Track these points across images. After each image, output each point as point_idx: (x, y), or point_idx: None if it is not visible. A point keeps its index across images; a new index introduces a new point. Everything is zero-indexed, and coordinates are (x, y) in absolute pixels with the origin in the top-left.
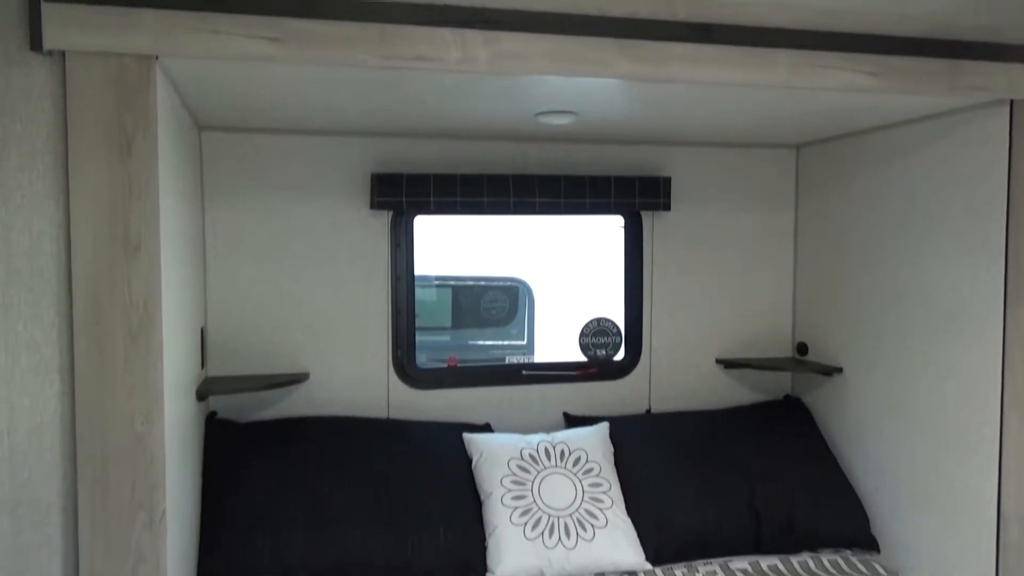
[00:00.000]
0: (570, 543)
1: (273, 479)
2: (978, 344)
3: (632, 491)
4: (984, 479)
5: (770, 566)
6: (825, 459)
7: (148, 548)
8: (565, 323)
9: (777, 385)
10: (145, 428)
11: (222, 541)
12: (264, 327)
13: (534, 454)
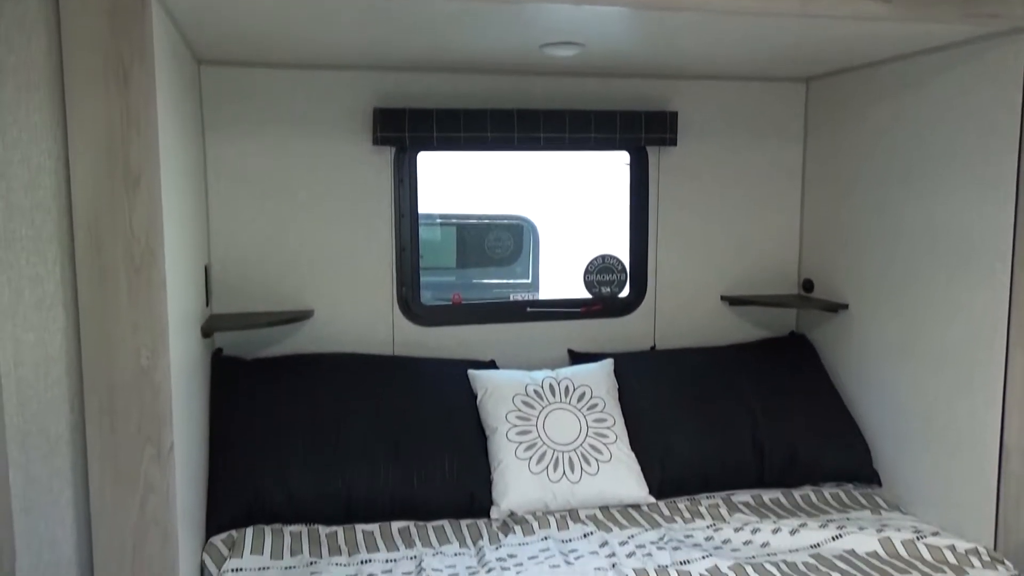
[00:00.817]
0: (574, 477)
1: (280, 414)
2: (986, 282)
3: (636, 426)
4: (988, 413)
5: (772, 499)
6: (829, 395)
7: (157, 479)
8: (570, 261)
9: (782, 322)
10: (150, 362)
11: (230, 475)
12: (268, 265)
13: (539, 390)
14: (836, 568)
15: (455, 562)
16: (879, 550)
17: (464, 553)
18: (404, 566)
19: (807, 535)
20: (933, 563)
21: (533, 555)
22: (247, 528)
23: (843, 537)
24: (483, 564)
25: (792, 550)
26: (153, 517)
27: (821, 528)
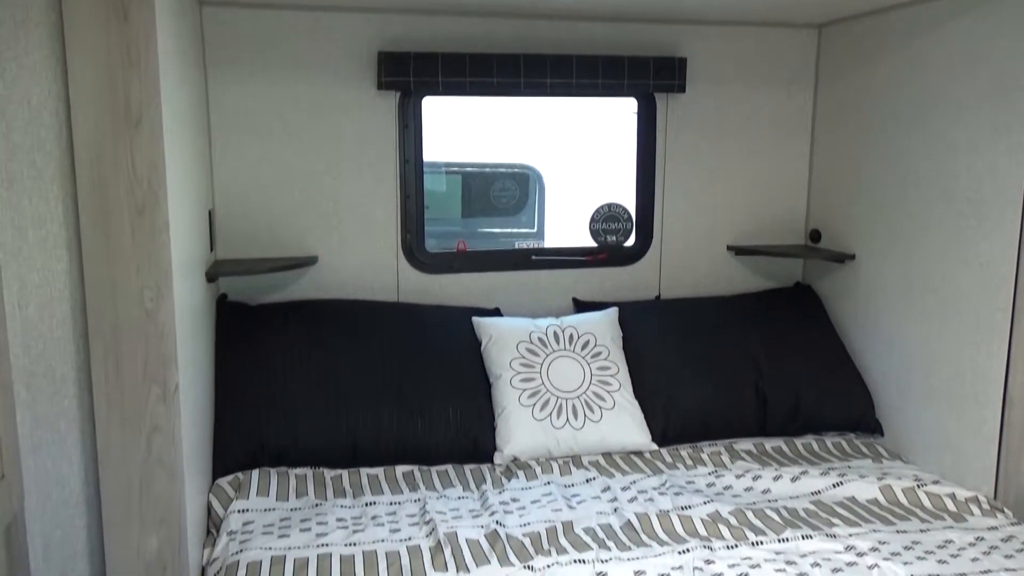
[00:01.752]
0: (578, 424)
1: (284, 360)
2: (997, 230)
3: (640, 375)
4: (992, 363)
5: (774, 447)
6: (833, 345)
7: (163, 420)
8: (576, 210)
9: (788, 272)
10: (154, 304)
11: (236, 419)
12: (272, 210)
13: (543, 337)
14: (836, 515)
15: (459, 505)
16: (879, 497)
17: (468, 496)
18: (408, 508)
19: (808, 482)
20: (933, 510)
21: (536, 499)
22: (253, 471)
23: (844, 484)
24: (486, 507)
25: (793, 497)
26: (159, 457)
27: (822, 476)
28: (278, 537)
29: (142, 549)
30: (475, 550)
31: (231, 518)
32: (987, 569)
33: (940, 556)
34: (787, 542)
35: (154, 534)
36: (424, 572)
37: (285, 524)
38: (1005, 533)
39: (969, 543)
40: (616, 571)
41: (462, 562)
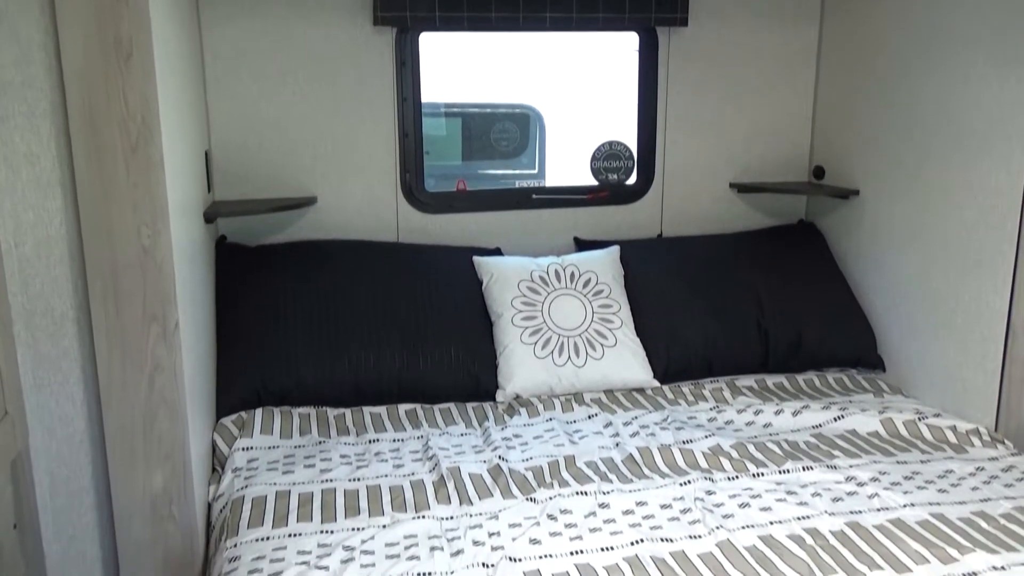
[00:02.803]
0: (579, 361)
1: (285, 300)
2: (1003, 163)
3: (642, 312)
4: (996, 295)
5: (775, 383)
6: (836, 281)
7: (164, 358)
8: (577, 149)
9: (791, 210)
10: (152, 242)
11: (238, 360)
12: (269, 151)
13: (544, 276)
14: (837, 447)
15: (461, 442)
16: (880, 430)
17: (470, 433)
18: (411, 445)
19: (809, 416)
20: (934, 442)
21: (538, 435)
22: (256, 410)
23: (845, 418)
24: (489, 443)
25: (794, 430)
26: (162, 395)
27: (823, 410)
28: (282, 473)
29: (148, 485)
30: (478, 483)
31: (235, 455)
32: (987, 497)
33: (940, 486)
34: (788, 473)
35: (159, 470)
36: (428, 505)
37: (289, 461)
38: (1005, 463)
39: (969, 473)
40: (618, 502)
41: (465, 495)
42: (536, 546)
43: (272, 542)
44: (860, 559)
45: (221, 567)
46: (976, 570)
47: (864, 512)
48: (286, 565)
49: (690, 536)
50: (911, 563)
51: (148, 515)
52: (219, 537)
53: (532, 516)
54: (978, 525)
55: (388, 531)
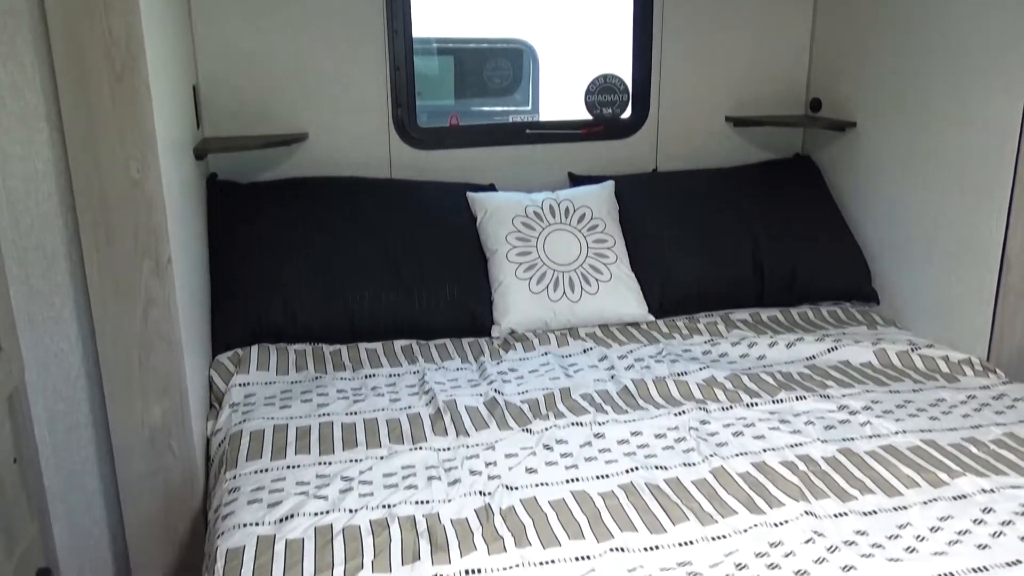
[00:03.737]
0: (574, 296)
1: (278, 238)
2: (1002, 92)
3: (636, 247)
4: (992, 226)
5: (770, 317)
6: (832, 215)
7: (157, 293)
8: (571, 83)
9: (787, 144)
10: (141, 175)
11: (233, 297)
12: (259, 86)
13: (539, 211)
14: (830, 377)
15: (457, 376)
16: (873, 361)
17: (466, 368)
18: (407, 380)
19: (803, 348)
20: (926, 372)
21: (534, 369)
22: (252, 347)
23: (838, 349)
24: (484, 377)
25: (788, 362)
26: (156, 330)
27: (817, 341)
28: (280, 408)
29: (146, 419)
30: (474, 416)
31: (232, 391)
32: (977, 424)
33: (932, 413)
34: (781, 403)
35: (157, 405)
36: (425, 437)
37: (286, 396)
38: (996, 392)
39: (961, 401)
40: (613, 432)
41: (461, 427)
42: (532, 475)
43: (271, 474)
44: (852, 484)
45: (221, 498)
46: (965, 493)
47: (856, 439)
48: (285, 495)
49: (684, 464)
50: (902, 487)
51: (147, 449)
52: (218, 470)
53: (528, 446)
54: (968, 451)
55: (385, 462)
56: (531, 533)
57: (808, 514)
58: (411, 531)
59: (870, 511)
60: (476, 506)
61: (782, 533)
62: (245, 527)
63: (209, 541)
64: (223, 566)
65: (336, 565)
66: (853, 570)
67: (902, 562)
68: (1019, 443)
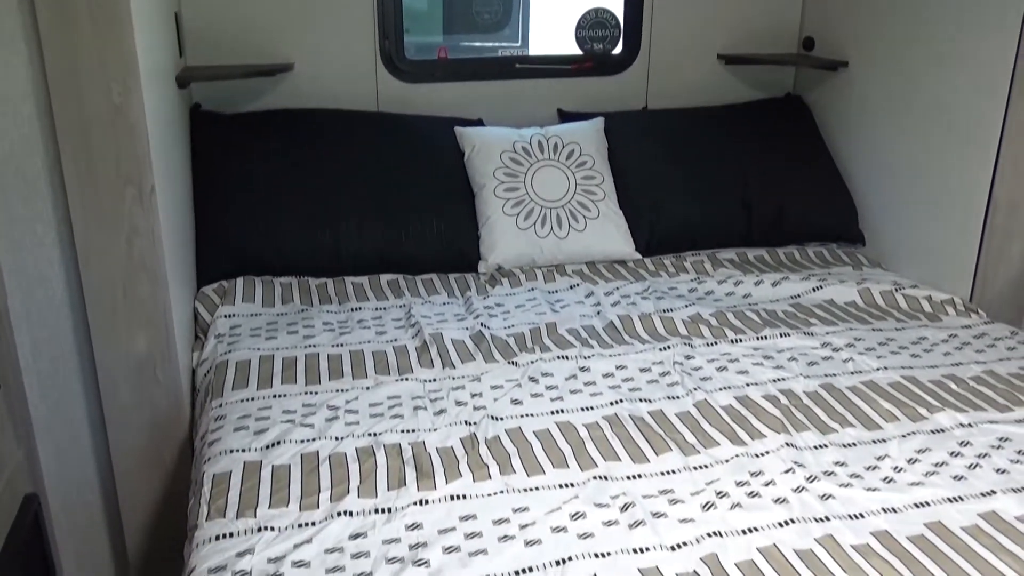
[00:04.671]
0: (562, 233)
1: (263, 170)
2: (996, 32)
3: (625, 185)
4: (980, 168)
5: (756, 256)
6: (821, 156)
7: (141, 222)
8: (561, 18)
9: (779, 83)
10: (123, 99)
11: (218, 229)
12: (243, 14)
13: (527, 147)
14: (814, 315)
15: (443, 310)
16: (857, 300)
17: (452, 302)
18: (393, 313)
19: (788, 287)
20: (909, 311)
21: (520, 304)
22: (237, 279)
23: (823, 289)
24: (471, 311)
25: (773, 300)
26: (140, 260)
27: (802, 281)
28: (265, 339)
29: (131, 349)
30: (460, 349)
31: (218, 323)
32: (958, 362)
33: (913, 351)
34: (765, 339)
35: (142, 334)
36: (411, 368)
37: (272, 327)
38: (978, 331)
39: (942, 339)
40: (598, 366)
41: (448, 359)
42: (517, 406)
43: (257, 402)
44: (832, 417)
45: (207, 426)
46: (944, 427)
47: (838, 375)
48: (271, 423)
49: (668, 397)
50: (881, 421)
51: (133, 378)
52: (204, 399)
53: (513, 379)
54: (948, 387)
55: (372, 392)
56: (516, 461)
57: (789, 446)
58: (397, 458)
59: (849, 443)
60: (462, 435)
61: (763, 463)
62: (232, 453)
63: (196, 467)
64: (210, 490)
65: (322, 490)
66: (831, 499)
67: (879, 491)
68: (998, 380)
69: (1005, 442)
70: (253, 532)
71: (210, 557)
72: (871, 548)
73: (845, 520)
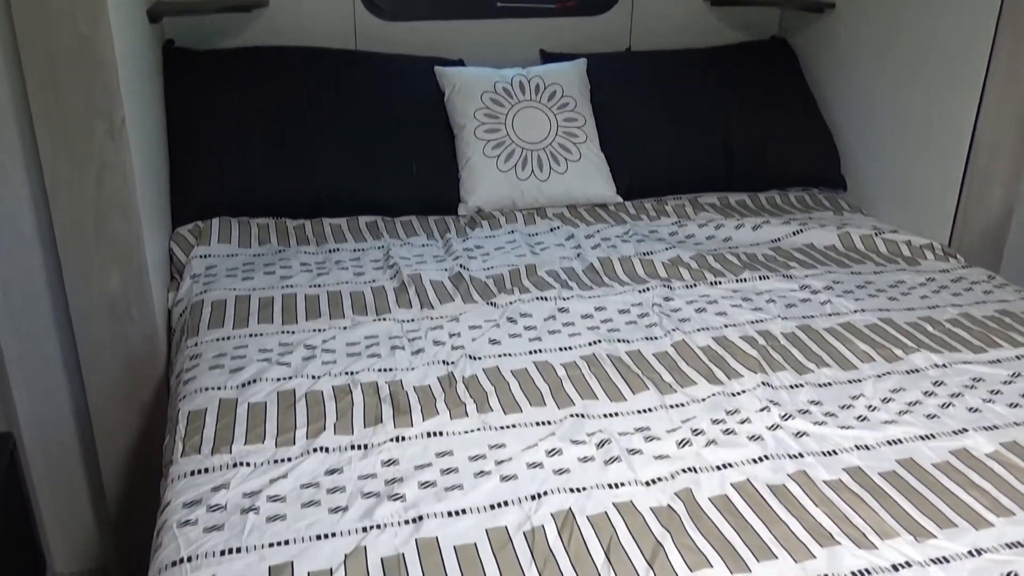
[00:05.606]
0: (542, 175)
1: (238, 109)
2: None
3: (607, 128)
4: (963, 110)
5: (738, 200)
6: (804, 101)
7: (112, 156)
8: None
9: (764, 26)
10: (90, 30)
11: (192, 169)
12: None
13: (508, 88)
14: (794, 259)
15: (422, 252)
16: (837, 244)
17: (432, 244)
18: (372, 255)
19: (769, 231)
20: (888, 255)
21: (500, 246)
22: (213, 219)
23: (803, 233)
24: (450, 253)
25: (753, 244)
26: (112, 195)
27: (783, 225)
28: (242, 279)
29: (104, 287)
30: (439, 289)
31: (193, 263)
32: (935, 305)
33: (891, 294)
34: (745, 282)
35: (115, 272)
36: (389, 309)
37: (248, 268)
38: (955, 275)
39: (920, 283)
40: (577, 307)
41: (426, 300)
42: (495, 346)
43: (233, 341)
44: (809, 358)
45: (183, 364)
46: (918, 367)
47: (816, 317)
48: (247, 362)
49: (647, 338)
50: (857, 361)
51: (106, 316)
52: (180, 338)
53: (492, 319)
54: (924, 329)
55: (349, 332)
56: (493, 400)
57: (765, 385)
58: (373, 396)
59: (825, 383)
60: (439, 374)
61: (739, 402)
62: (207, 391)
63: (172, 405)
64: (185, 427)
65: (298, 427)
66: (805, 436)
67: (853, 429)
68: (973, 323)
69: (978, 382)
70: (228, 468)
71: (185, 492)
72: (843, 484)
73: (818, 457)
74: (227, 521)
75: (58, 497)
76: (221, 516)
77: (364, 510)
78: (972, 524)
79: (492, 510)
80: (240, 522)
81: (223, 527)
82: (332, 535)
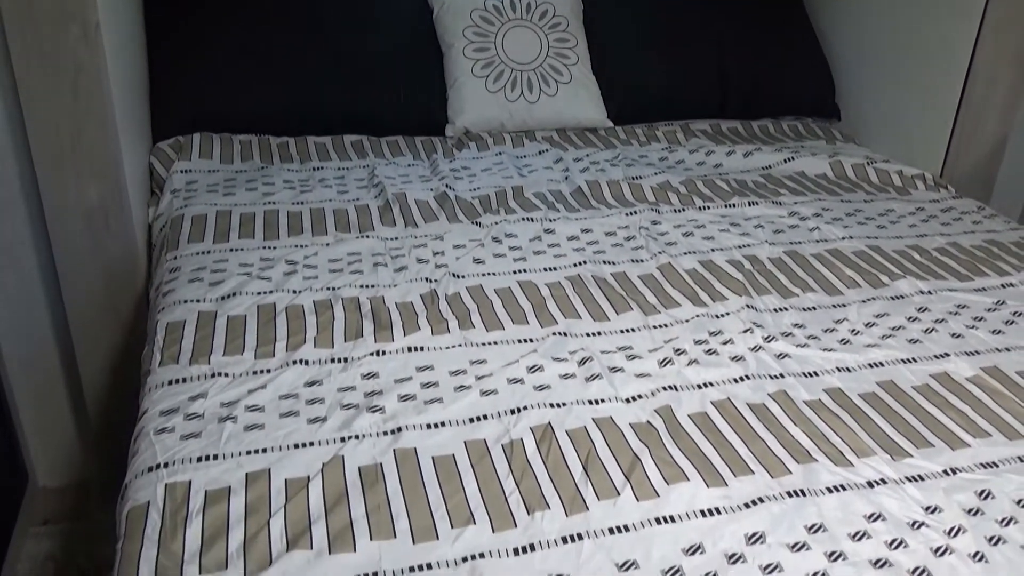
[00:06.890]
0: (532, 97)
1: (220, 23)
2: None
3: (599, 50)
4: (962, 40)
5: (730, 128)
6: (802, 28)
7: (87, 60)
8: None
9: None
10: None
11: (172, 83)
12: None
13: (498, 5)
14: (784, 186)
15: (408, 172)
16: (828, 172)
17: (417, 164)
18: (356, 173)
19: (760, 158)
20: (879, 184)
21: (487, 167)
22: (194, 135)
23: (795, 160)
24: (436, 173)
25: (743, 171)
26: (87, 103)
27: (774, 152)
28: (223, 195)
29: (80, 198)
30: (424, 209)
31: (174, 178)
32: (923, 234)
33: (880, 222)
34: (733, 208)
35: (92, 185)
36: (372, 226)
37: (230, 184)
38: (945, 205)
39: (909, 212)
40: (563, 228)
41: (410, 218)
42: (479, 265)
43: (213, 255)
44: (794, 282)
45: (162, 277)
46: (903, 293)
47: (803, 243)
48: (227, 275)
49: (632, 260)
50: (843, 287)
51: (83, 228)
52: (159, 253)
53: (477, 239)
54: (911, 256)
55: (331, 248)
56: (475, 317)
57: (749, 307)
58: (355, 312)
59: (809, 307)
60: (421, 291)
61: (722, 324)
62: (186, 303)
63: (150, 317)
64: (163, 338)
65: (278, 340)
66: (787, 357)
67: (835, 352)
68: (961, 252)
69: (963, 309)
70: (207, 378)
71: (162, 400)
72: (823, 403)
73: (799, 377)
74: (204, 429)
75: (40, 411)
76: (198, 424)
77: (343, 421)
78: (948, 444)
79: (471, 423)
80: (217, 430)
81: (200, 435)
82: (310, 444)
